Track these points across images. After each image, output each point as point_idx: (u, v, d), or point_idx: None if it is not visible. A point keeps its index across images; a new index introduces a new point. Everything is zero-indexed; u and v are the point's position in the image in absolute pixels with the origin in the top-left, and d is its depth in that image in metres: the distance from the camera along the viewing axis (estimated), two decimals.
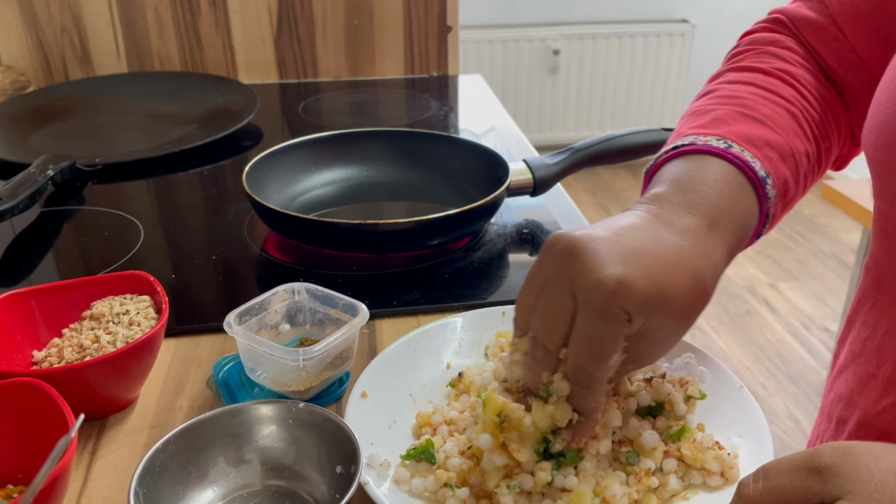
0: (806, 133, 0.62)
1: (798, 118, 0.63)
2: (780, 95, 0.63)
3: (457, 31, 1.48)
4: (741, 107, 0.62)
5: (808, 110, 0.64)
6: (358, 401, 0.59)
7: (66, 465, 0.46)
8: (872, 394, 0.62)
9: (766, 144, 0.59)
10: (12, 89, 1.34)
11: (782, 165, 0.59)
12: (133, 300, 0.66)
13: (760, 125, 0.60)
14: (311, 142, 0.99)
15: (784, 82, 0.65)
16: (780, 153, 0.59)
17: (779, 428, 2.17)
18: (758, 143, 0.59)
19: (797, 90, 0.64)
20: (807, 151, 0.62)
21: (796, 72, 0.65)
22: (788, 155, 0.60)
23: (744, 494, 0.40)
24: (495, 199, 0.84)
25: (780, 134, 0.60)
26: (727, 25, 3.59)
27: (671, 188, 0.55)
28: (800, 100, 0.64)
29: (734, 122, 0.60)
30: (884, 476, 0.37)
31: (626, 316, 0.47)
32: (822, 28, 0.67)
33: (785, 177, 0.59)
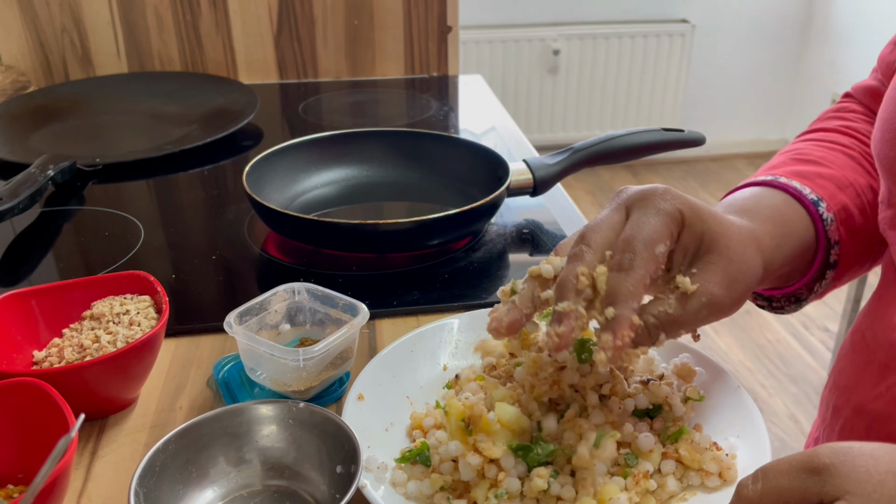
0: (867, 170, 0.65)
1: (857, 159, 0.65)
2: (837, 143, 0.67)
3: (457, 31, 1.48)
4: (795, 153, 0.66)
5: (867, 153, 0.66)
6: (355, 403, 0.59)
7: (67, 464, 0.46)
8: (868, 380, 0.63)
9: (819, 176, 0.62)
10: (12, 89, 1.34)
11: (839, 193, 0.62)
12: (133, 300, 0.66)
13: (814, 164, 0.63)
14: (311, 142, 0.99)
15: (843, 134, 0.69)
16: (835, 183, 0.62)
17: (779, 428, 2.17)
18: (809, 176, 0.62)
19: (856, 139, 0.68)
20: (870, 185, 0.64)
21: (856, 126, 0.69)
22: (846, 185, 0.62)
23: (743, 495, 0.40)
24: (495, 199, 0.84)
25: (834, 169, 0.63)
26: (727, 25, 3.59)
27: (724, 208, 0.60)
28: (859, 146, 0.67)
29: (786, 165, 0.64)
30: (882, 477, 0.37)
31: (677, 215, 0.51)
32: (876, 91, 0.71)
33: (844, 203, 0.61)
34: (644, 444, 0.53)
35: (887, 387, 0.60)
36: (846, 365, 0.67)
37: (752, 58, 3.66)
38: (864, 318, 0.67)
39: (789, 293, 0.67)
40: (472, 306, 0.74)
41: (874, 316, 0.64)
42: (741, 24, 3.60)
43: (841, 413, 0.66)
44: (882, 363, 0.61)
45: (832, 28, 3.46)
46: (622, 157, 0.93)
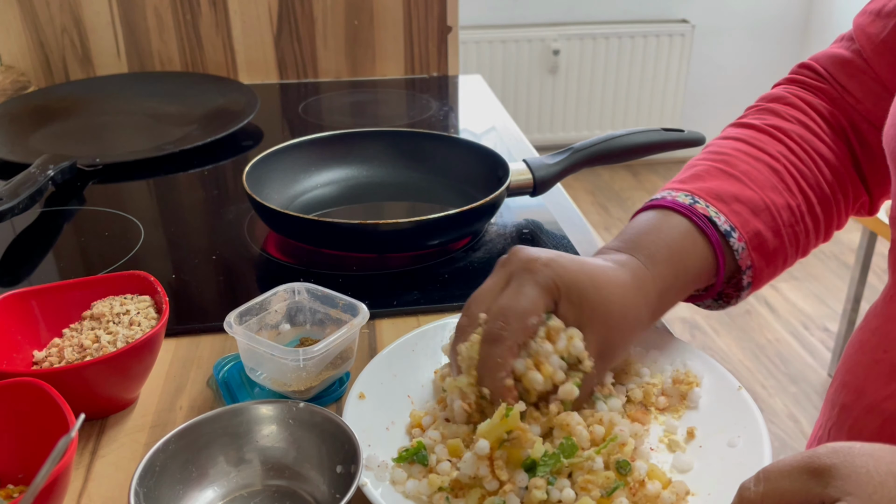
0: (789, 187, 0.66)
1: (780, 173, 0.66)
2: (764, 151, 0.67)
3: (457, 31, 1.48)
4: (721, 163, 0.67)
5: (795, 165, 0.67)
6: (356, 402, 0.59)
7: (67, 464, 0.46)
8: (879, 379, 0.62)
9: (736, 200, 0.64)
10: (12, 89, 1.34)
11: (753, 219, 0.64)
12: (133, 300, 0.66)
13: (735, 181, 0.65)
14: (311, 142, 0.99)
15: (773, 138, 0.69)
16: (751, 208, 0.64)
17: (779, 428, 2.17)
18: (727, 199, 0.64)
19: (785, 145, 0.68)
20: (788, 204, 0.65)
21: (789, 127, 0.69)
22: (762, 209, 0.64)
23: (745, 497, 0.40)
24: (495, 199, 0.84)
25: (754, 190, 0.65)
26: (727, 25, 3.60)
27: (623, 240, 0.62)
28: (787, 154, 0.68)
29: (710, 178, 0.66)
30: (883, 478, 0.37)
31: (553, 288, 0.54)
32: (849, 62, 0.70)
33: (757, 229, 0.64)
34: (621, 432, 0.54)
35: None
36: (855, 363, 0.67)
37: (752, 58, 3.66)
38: (874, 317, 0.66)
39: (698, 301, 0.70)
40: None
41: (886, 315, 0.64)
42: (741, 24, 3.60)
43: (850, 412, 0.66)
44: (894, 362, 0.61)
45: (832, 28, 3.46)
46: (622, 157, 0.93)
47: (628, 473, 0.52)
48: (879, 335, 0.64)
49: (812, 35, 3.61)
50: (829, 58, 0.73)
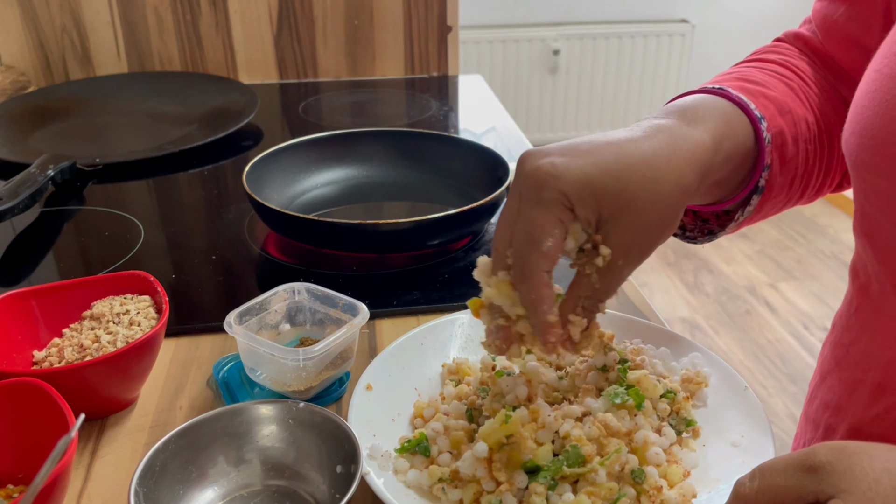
0: (804, 103, 0.63)
1: (795, 90, 0.64)
2: (777, 73, 0.65)
3: (457, 31, 1.48)
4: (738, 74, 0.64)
5: (805, 89, 0.65)
6: (363, 393, 0.59)
7: (67, 464, 0.46)
8: (861, 400, 0.61)
9: (763, 96, 0.60)
10: (12, 89, 1.34)
11: (779, 117, 0.60)
12: (133, 300, 0.66)
13: (757, 84, 0.61)
14: (311, 142, 0.99)
15: (782, 66, 0.66)
16: (776, 105, 0.60)
17: (779, 428, 2.17)
18: (754, 93, 0.60)
19: (795, 73, 0.66)
20: (806, 118, 0.62)
21: (796, 62, 0.67)
22: (786, 111, 0.60)
23: (740, 493, 0.40)
24: (495, 199, 0.84)
25: (776, 93, 0.61)
26: (727, 25, 3.59)
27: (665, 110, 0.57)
28: (797, 79, 0.65)
29: (731, 82, 0.62)
30: (878, 475, 0.37)
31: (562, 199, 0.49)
32: (809, 41, 0.70)
33: (781, 128, 0.59)
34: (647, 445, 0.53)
35: (886, 409, 0.59)
36: (834, 383, 0.65)
37: None
38: (845, 332, 0.64)
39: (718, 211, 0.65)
40: None
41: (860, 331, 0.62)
42: (741, 24, 3.60)
43: (835, 433, 0.65)
44: (877, 383, 0.60)
45: None
46: None
47: (643, 482, 0.51)
48: (856, 353, 0.62)
49: None
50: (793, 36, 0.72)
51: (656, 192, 0.50)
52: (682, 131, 0.53)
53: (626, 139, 0.51)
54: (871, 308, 0.61)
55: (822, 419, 0.67)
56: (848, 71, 0.67)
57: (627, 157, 0.50)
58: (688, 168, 0.51)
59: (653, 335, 0.67)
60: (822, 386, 0.68)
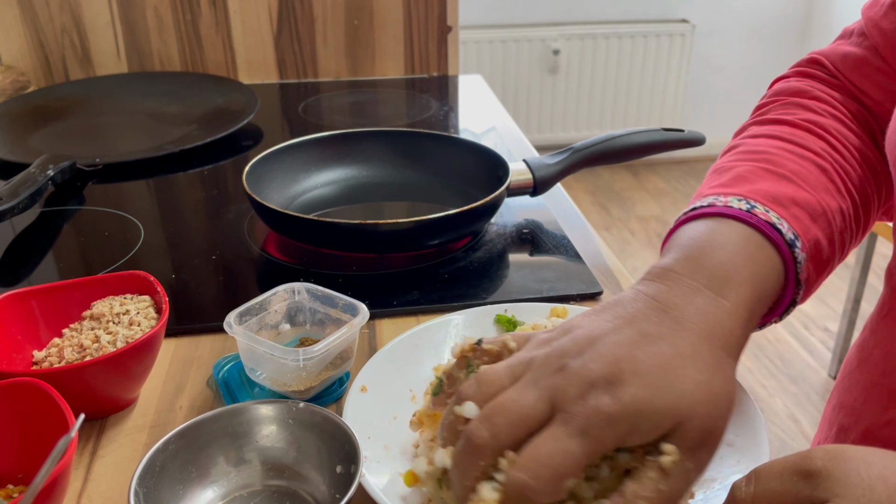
0: (839, 188, 0.58)
1: (829, 173, 0.58)
2: (808, 149, 0.59)
3: (457, 31, 1.48)
4: (766, 162, 0.57)
5: (840, 163, 0.59)
6: (357, 395, 0.59)
7: (67, 464, 0.46)
8: (877, 404, 0.61)
9: (794, 203, 0.54)
10: (12, 89, 1.34)
11: (813, 226, 0.54)
12: (133, 300, 0.66)
13: (787, 182, 0.55)
14: (311, 142, 0.99)
15: (813, 134, 0.60)
16: (809, 213, 0.54)
17: (779, 428, 2.17)
18: (784, 202, 0.54)
19: (827, 142, 0.60)
20: (840, 208, 0.57)
21: (826, 122, 0.61)
22: (820, 214, 0.55)
23: (736, 497, 0.40)
24: (495, 199, 0.84)
25: (808, 192, 0.55)
26: (727, 25, 3.60)
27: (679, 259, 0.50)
28: (830, 152, 0.59)
29: (758, 179, 0.56)
30: (873, 481, 0.37)
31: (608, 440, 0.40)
32: (864, 61, 0.63)
33: (816, 238, 0.54)
34: None
35: None
36: (852, 384, 0.65)
37: (752, 58, 3.66)
38: (871, 335, 0.64)
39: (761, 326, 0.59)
40: (472, 306, 0.74)
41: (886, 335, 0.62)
42: (741, 24, 3.60)
43: (848, 435, 0.64)
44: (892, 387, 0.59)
45: (832, 28, 3.46)
46: (622, 157, 0.93)
47: None
48: (878, 356, 0.62)
49: (812, 35, 3.61)
50: (839, 56, 0.65)
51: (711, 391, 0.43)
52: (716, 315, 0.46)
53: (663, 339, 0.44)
54: None
55: (836, 419, 0.67)
56: None
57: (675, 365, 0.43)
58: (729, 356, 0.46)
59: None
60: (841, 386, 0.67)
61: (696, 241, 0.51)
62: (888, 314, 0.62)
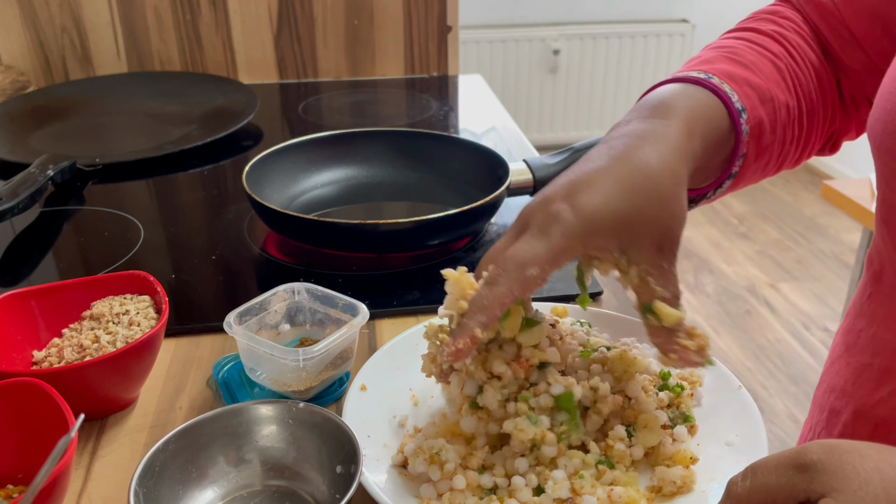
0: (788, 86, 0.64)
1: (783, 71, 0.65)
2: (767, 49, 0.66)
3: (457, 31, 1.48)
4: (728, 52, 0.65)
5: (793, 68, 0.66)
6: (357, 394, 0.59)
7: (67, 464, 0.46)
8: (868, 384, 0.62)
9: (747, 83, 0.61)
10: (12, 89, 1.34)
11: (760, 107, 0.61)
12: (133, 300, 0.66)
13: (744, 68, 0.63)
14: (311, 142, 0.99)
15: (774, 40, 0.67)
16: (759, 95, 0.62)
17: (779, 428, 2.17)
18: (739, 80, 0.61)
19: (786, 49, 0.67)
20: (787, 103, 0.64)
21: (789, 35, 0.68)
22: (767, 99, 0.62)
23: (732, 492, 0.40)
24: (495, 199, 0.84)
25: (761, 78, 0.63)
26: (727, 25, 3.56)
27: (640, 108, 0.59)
28: (787, 57, 0.66)
29: (719, 61, 0.63)
30: (869, 474, 0.37)
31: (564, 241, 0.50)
32: (822, 5, 0.69)
33: (760, 118, 0.61)
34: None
35: (890, 391, 0.60)
36: (841, 367, 0.66)
37: None
38: (857, 318, 0.66)
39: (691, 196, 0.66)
40: None
41: (871, 317, 0.63)
42: None
43: (839, 416, 0.66)
44: (883, 367, 0.61)
45: None
46: None
47: None
48: (865, 338, 0.63)
49: None
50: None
51: (661, 197, 0.52)
52: (660, 130, 0.55)
53: (616, 159, 0.53)
54: (883, 295, 0.62)
55: (827, 402, 0.68)
56: (860, 40, 0.67)
57: (625, 177, 0.52)
58: (677, 162, 0.54)
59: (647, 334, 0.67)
60: (830, 371, 0.68)
61: (648, 97, 0.60)
62: (871, 297, 0.64)
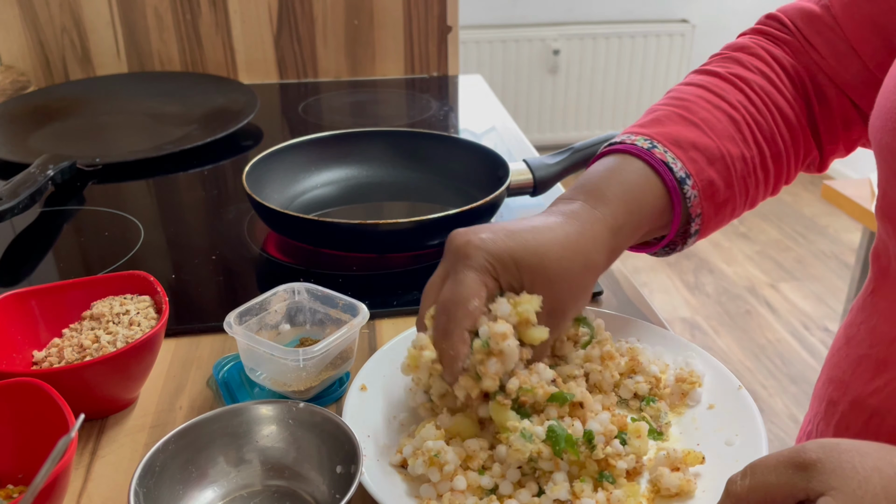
0: (745, 138, 0.67)
1: (738, 123, 0.67)
2: (725, 100, 0.68)
3: (457, 31, 1.48)
4: (682, 109, 0.67)
5: (753, 115, 0.67)
6: (357, 393, 0.59)
7: (67, 464, 0.46)
8: (865, 374, 0.63)
9: (694, 147, 0.64)
10: (12, 89, 1.34)
11: (709, 168, 0.64)
12: (133, 300, 0.66)
13: (694, 128, 0.65)
14: (311, 142, 0.99)
15: (735, 87, 0.69)
16: (707, 156, 0.64)
17: (779, 428, 2.17)
18: (685, 145, 0.64)
19: (746, 96, 0.68)
20: (743, 155, 0.66)
21: (752, 78, 0.69)
22: (717, 158, 0.65)
23: (731, 491, 0.40)
24: (495, 199, 0.84)
25: (711, 138, 0.65)
26: (727, 25, 3.59)
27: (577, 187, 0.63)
28: (746, 105, 0.68)
29: (669, 123, 0.66)
30: (868, 473, 0.37)
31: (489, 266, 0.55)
32: (817, 18, 0.70)
33: (711, 179, 0.64)
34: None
35: (886, 381, 0.60)
36: (840, 359, 0.67)
37: None
38: (859, 312, 0.66)
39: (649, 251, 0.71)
40: None
41: (872, 310, 0.64)
42: (741, 24, 3.58)
43: (837, 407, 0.66)
44: (880, 358, 0.61)
45: None
46: None
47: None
48: (864, 330, 0.64)
49: None
50: (796, 10, 0.72)
51: (568, 269, 0.57)
52: (589, 216, 0.60)
53: (543, 225, 0.59)
54: (888, 289, 0.62)
55: (825, 394, 0.68)
56: (858, 51, 0.67)
57: (545, 239, 0.57)
58: (594, 250, 0.59)
59: (647, 334, 0.67)
60: (830, 363, 0.69)
61: (593, 173, 0.64)
62: (874, 292, 0.65)
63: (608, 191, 0.62)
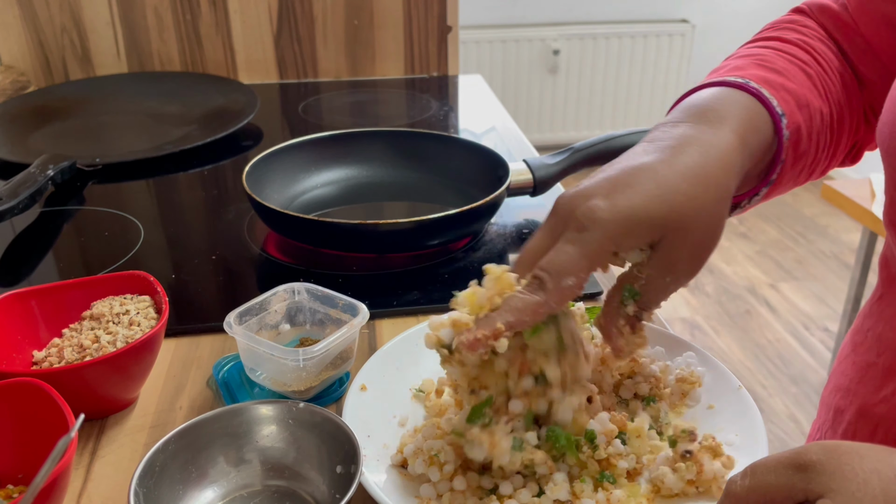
0: (820, 93, 0.62)
1: (812, 78, 0.62)
2: (795, 56, 0.64)
3: (457, 31, 1.48)
4: (758, 59, 0.62)
5: (822, 75, 0.64)
6: (357, 393, 0.59)
7: (67, 465, 0.46)
8: (872, 383, 0.62)
9: (783, 88, 0.59)
10: (12, 89, 1.34)
11: (798, 112, 0.59)
12: (133, 300, 0.66)
13: (777, 73, 0.60)
14: (311, 142, 0.99)
15: (800, 48, 0.65)
16: (795, 99, 0.59)
17: (779, 428, 2.17)
18: (775, 85, 0.59)
19: (812, 56, 0.65)
20: (821, 109, 0.61)
21: (814, 43, 0.66)
22: (804, 104, 0.59)
23: (731, 491, 0.40)
24: (495, 199, 0.84)
25: (795, 84, 0.60)
26: (727, 25, 3.60)
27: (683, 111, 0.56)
28: (815, 64, 0.64)
29: (751, 68, 0.61)
30: (867, 475, 0.37)
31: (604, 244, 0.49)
32: (836, 15, 0.68)
33: (798, 124, 0.59)
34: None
35: (893, 390, 0.60)
36: (847, 367, 0.67)
37: None
38: (866, 318, 0.66)
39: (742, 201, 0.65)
40: None
41: (879, 317, 0.64)
42: (741, 24, 3.60)
43: (843, 415, 0.66)
44: (887, 366, 0.61)
45: None
46: None
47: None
48: (871, 338, 0.64)
49: None
50: (818, 7, 0.70)
51: (702, 207, 0.50)
52: (709, 138, 0.52)
53: (659, 161, 0.51)
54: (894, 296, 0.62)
55: (832, 402, 0.68)
56: (876, 49, 0.66)
57: (667, 180, 0.50)
58: (724, 176, 0.51)
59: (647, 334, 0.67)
60: (837, 370, 0.69)
61: (694, 100, 0.57)
62: (881, 298, 0.65)
63: (723, 110, 0.55)
